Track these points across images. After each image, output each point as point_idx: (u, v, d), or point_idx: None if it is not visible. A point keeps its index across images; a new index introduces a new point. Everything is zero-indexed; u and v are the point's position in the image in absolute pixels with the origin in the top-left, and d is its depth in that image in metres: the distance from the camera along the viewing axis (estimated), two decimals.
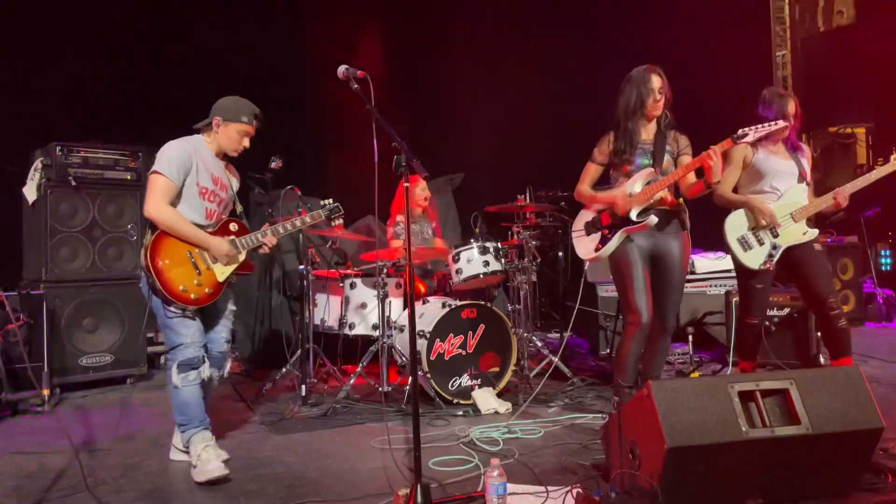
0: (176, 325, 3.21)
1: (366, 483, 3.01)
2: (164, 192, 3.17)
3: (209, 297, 3.25)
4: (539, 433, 3.63)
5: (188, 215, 3.25)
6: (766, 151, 3.91)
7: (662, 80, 3.59)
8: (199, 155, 3.31)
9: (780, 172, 3.89)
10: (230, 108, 3.37)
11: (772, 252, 3.82)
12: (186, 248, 3.22)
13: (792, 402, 2.49)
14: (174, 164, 3.19)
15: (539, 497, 2.69)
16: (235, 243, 3.33)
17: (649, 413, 2.44)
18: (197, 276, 3.21)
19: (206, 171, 3.32)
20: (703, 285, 6.00)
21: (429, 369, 4.23)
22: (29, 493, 2.98)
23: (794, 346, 4.85)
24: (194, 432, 3.21)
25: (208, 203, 3.33)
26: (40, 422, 4.27)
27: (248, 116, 3.37)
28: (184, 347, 3.21)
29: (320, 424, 3.99)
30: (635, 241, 3.59)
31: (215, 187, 3.36)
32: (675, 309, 3.67)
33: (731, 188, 3.99)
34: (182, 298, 3.16)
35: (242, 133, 3.37)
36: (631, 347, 3.57)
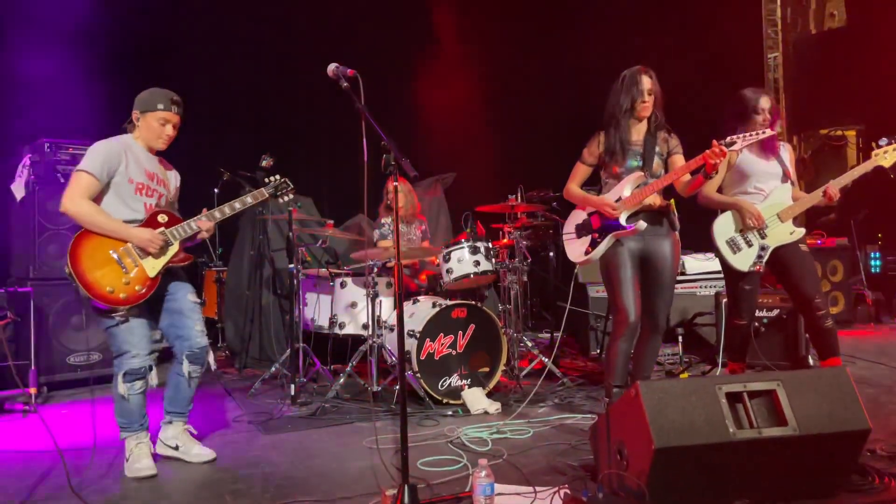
0: (119, 332, 3.12)
1: (354, 483, 2.99)
2: (85, 187, 3.08)
3: (141, 295, 3.12)
4: (528, 433, 3.62)
5: (124, 213, 3.17)
6: (750, 152, 3.93)
7: (653, 81, 3.59)
8: (131, 151, 3.23)
9: (763, 173, 3.91)
10: (145, 98, 3.27)
11: (760, 253, 3.83)
12: (109, 246, 3.09)
13: (779, 403, 2.49)
14: (98, 160, 3.11)
15: (527, 497, 2.68)
16: (165, 234, 3.22)
17: (637, 413, 2.44)
18: (125, 274, 3.09)
19: (138, 166, 3.24)
20: (693, 286, 6.01)
21: (418, 369, 4.23)
22: (14, 493, 2.96)
23: (783, 347, 4.86)
24: (131, 434, 3.21)
25: (146, 198, 3.25)
26: (26, 421, 4.24)
27: (163, 103, 3.25)
28: (129, 357, 3.14)
29: (309, 424, 3.98)
30: (625, 242, 3.59)
31: (150, 182, 3.28)
32: (665, 309, 3.67)
33: (715, 189, 4.00)
34: (110, 300, 3.04)
35: (161, 120, 3.25)
36: (620, 347, 3.57)
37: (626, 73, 3.63)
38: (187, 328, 3.32)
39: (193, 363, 3.32)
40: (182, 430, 3.40)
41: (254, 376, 5.17)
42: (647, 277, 3.63)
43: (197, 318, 3.37)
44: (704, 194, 3.98)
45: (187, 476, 3.15)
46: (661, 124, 3.64)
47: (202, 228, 3.31)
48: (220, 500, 2.84)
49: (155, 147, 3.33)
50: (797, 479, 2.55)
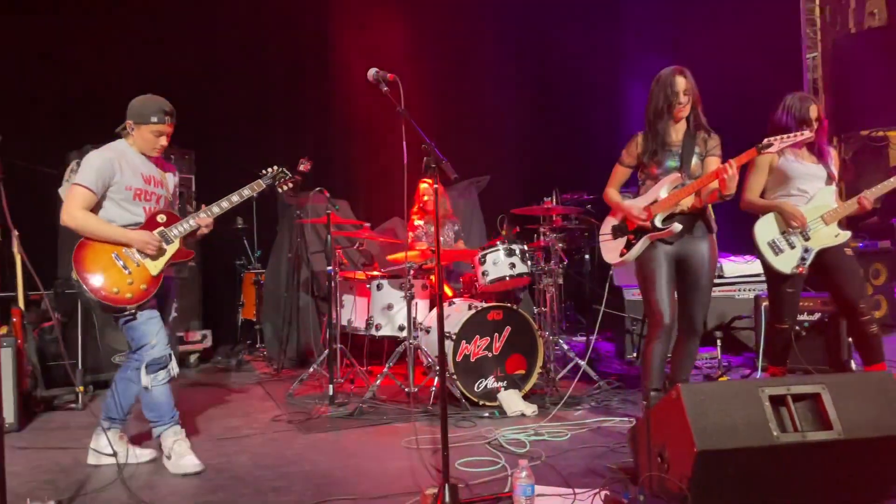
0: (138, 325, 3.21)
1: (393, 482, 3.03)
2: (81, 200, 3.15)
3: (146, 292, 3.20)
4: (566, 436, 3.63)
5: (125, 217, 3.25)
6: (792, 155, 3.88)
7: (688, 81, 3.56)
8: (125, 158, 3.28)
9: (807, 175, 3.85)
10: (138, 110, 3.30)
11: (804, 255, 3.77)
12: (110, 250, 3.18)
13: (824, 406, 2.46)
14: (92, 173, 3.17)
15: (566, 499, 2.69)
16: (165, 233, 3.29)
17: (678, 416, 2.43)
18: (127, 275, 3.17)
19: (133, 172, 3.28)
20: (731, 289, 5.94)
21: (454, 371, 4.25)
22: (64, 488, 3.05)
23: (824, 351, 4.78)
24: (165, 428, 3.28)
25: (145, 202, 3.31)
26: (74, 418, 4.36)
27: (157, 116, 3.27)
28: (149, 348, 3.21)
29: (347, 424, 4.03)
30: (661, 244, 3.58)
31: (148, 186, 3.33)
32: (703, 312, 3.64)
33: (757, 194, 3.95)
34: (117, 300, 3.13)
35: (155, 133, 3.29)
36: (655, 350, 3.55)
37: (661, 73, 3.61)
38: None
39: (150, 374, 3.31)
40: (118, 438, 3.39)
41: (291, 377, 5.25)
42: (684, 280, 3.61)
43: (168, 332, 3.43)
44: (746, 199, 3.94)
45: (231, 473, 3.21)
46: (701, 124, 3.60)
47: (201, 225, 3.38)
48: (262, 497, 2.89)
49: (148, 155, 3.37)
50: (842, 484, 2.52)
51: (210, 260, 6.73)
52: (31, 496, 2.80)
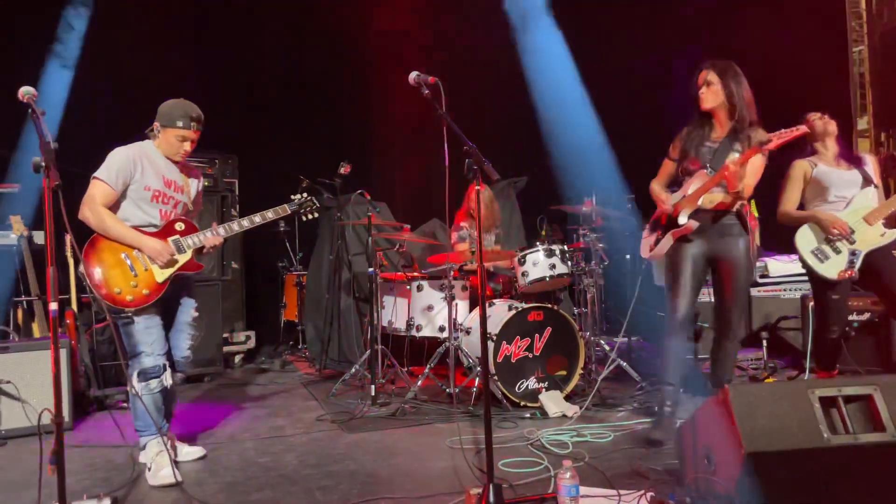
0: (135, 332, 3.20)
1: (436, 482, 3.05)
2: (100, 195, 3.17)
3: (146, 298, 3.18)
4: (609, 437, 3.61)
5: (141, 218, 3.26)
6: (826, 165, 3.92)
7: (711, 72, 3.52)
8: (148, 158, 3.29)
9: (842, 182, 3.87)
10: (166, 113, 3.31)
11: (852, 259, 3.71)
12: (121, 250, 3.18)
13: (876, 408, 2.41)
14: (114, 169, 3.18)
15: (611, 500, 2.68)
16: (179, 243, 3.29)
17: (726, 417, 2.40)
18: (133, 277, 3.16)
19: (155, 174, 3.29)
20: (776, 289, 5.84)
21: (495, 372, 4.26)
22: (118, 484, 3.14)
23: (874, 351, 4.68)
24: (150, 439, 3.25)
25: (161, 205, 3.32)
26: (126, 417, 4.46)
27: (183, 121, 3.28)
28: (144, 356, 3.20)
29: (390, 424, 4.07)
30: (691, 242, 3.54)
31: (167, 189, 3.33)
32: (739, 314, 3.59)
33: (794, 206, 3.98)
34: (118, 301, 3.12)
35: (179, 137, 3.30)
36: (669, 345, 3.56)
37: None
38: (180, 340, 3.45)
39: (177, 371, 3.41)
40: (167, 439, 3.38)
41: (333, 377, 5.32)
42: (718, 281, 3.57)
43: (190, 333, 3.49)
44: (782, 212, 4.00)
45: (278, 472, 3.27)
46: (745, 120, 3.50)
47: (207, 244, 3.36)
48: (310, 496, 2.94)
49: (173, 159, 3.39)
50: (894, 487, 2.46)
51: (253, 262, 6.86)
52: (87, 493, 2.89)
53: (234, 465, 3.41)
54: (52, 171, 2.32)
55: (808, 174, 3.93)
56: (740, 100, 3.51)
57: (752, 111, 3.51)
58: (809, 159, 3.97)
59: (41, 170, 2.33)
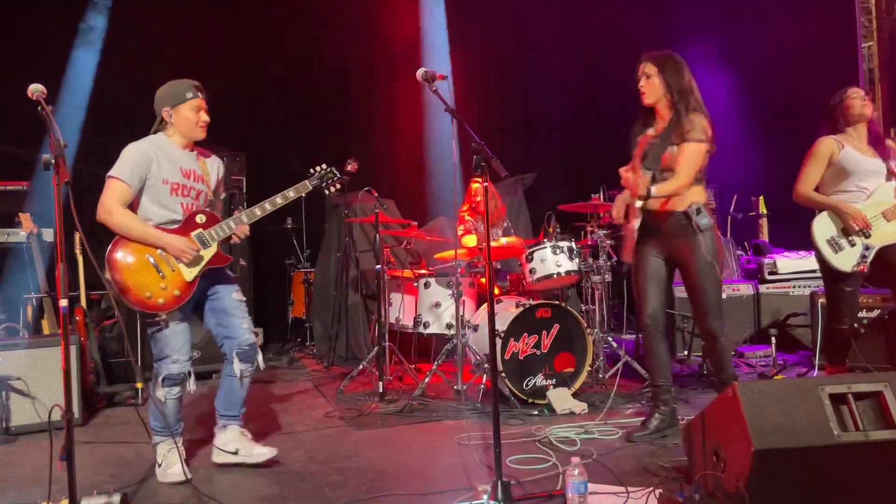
0: (162, 337, 3.09)
1: (445, 478, 3.06)
2: (118, 194, 3.03)
3: (178, 299, 3.07)
4: (617, 434, 3.60)
5: (162, 214, 3.13)
6: (854, 148, 3.76)
7: (647, 65, 3.51)
8: (163, 151, 3.15)
9: (868, 171, 3.74)
10: (170, 93, 3.18)
11: (864, 253, 3.67)
12: (146, 251, 3.04)
13: (887, 405, 2.39)
14: (128, 166, 3.05)
15: (620, 497, 2.68)
16: (203, 236, 3.15)
17: (735, 414, 2.39)
18: (161, 279, 3.04)
19: (172, 165, 3.16)
20: (785, 286, 5.82)
21: (503, 368, 4.26)
22: (127, 480, 3.16)
23: (884, 348, 4.64)
24: (163, 439, 3.18)
25: (182, 198, 3.18)
26: (134, 413, 4.49)
27: (191, 91, 3.18)
28: (170, 362, 3.11)
29: (398, 421, 4.08)
30: (649, 244, 3.54)
31: (187, 180, 3.19)
32: (704, 311, 3.46)
33: (813, 186, 3.83)
34: (149, 306, 3.01)
35: (195, 108, 3.18)
36: (645, 346, 3.60)
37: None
38: (234, 327, 3.26)
39: (244, 361, 3.25)
40: (239, 434, 3.31)
41: (341, 374, 5.33)
42: (684, 281, 3.55)
43: (243, 316, 3.30)
44: (801, 192, 3.84)
45: (287, 468, 3.28)
46: (680, 112, 3.39)
47: (237, 233, 3.25)
48: (319, 492, 2.95)
49: (195, 137, 3.25)
50: None
51: (260, 259, 6.88)
52: (98, 489, 2.90)
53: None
54: (62, 168, 2.32)
55: (834, 155, 3.76)
56: (678, 90, 3.42)
57: (690, 99, 3.41)
58: (836, 138, 3.78)
59: (51, 166, 2.34)
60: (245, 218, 3.25)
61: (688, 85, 3.43)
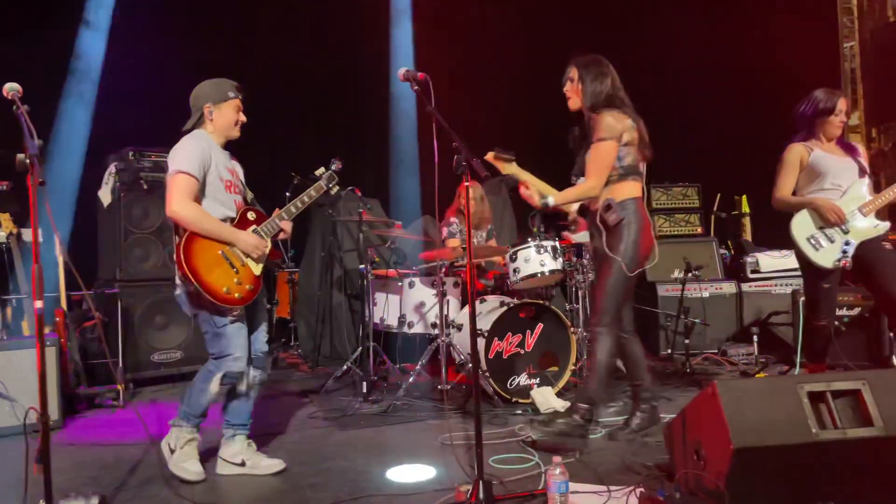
0: (227, 333, 3.07)
1: (427, 479, 3.04)
2: (187, 189, 2.99)
3: (251, 293, 3.10)
4: (599, 433, 3.61)
5: (220, 211, 3.11)
6: (822, 150, 3.84)
7: (571, 69, 3.54)
8: (212, 148, 3.16)
9: (840, 168, 3.81)
10: (214, 91, 3.20)
11: (845, 248, 3.71)
12: (217, 247, 3.04)
13: (865, 403, 2.42)
14: (195, 160, 3.03)
15: (601, 496, 2.68)
16: (259, 232, 3.18)
17: (715, 413, 2.41)
18: (235, 274, 3.05)
19: (222, 163, 3.18)
20: (768, 284, 5.87)
21: (487, 368, 4.26)
22: (107, 483, 3.12)
23: (865, 346, 4.70)
24: (187, 425, 3.14)
25: (235, 195, 3.21)
26: (116, 414, 4.46)
27: (233, 91, 3.22)
28: (232, 359, 3.08)
29: (381, 421, 4.07)
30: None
31: (233, 178, 3.23)
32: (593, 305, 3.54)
33: (788, 192, 3.91)
34: (228, 300, 3.01)
35: (236, 108, 3.22)
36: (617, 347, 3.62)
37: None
38: (256, 332, 3.29)
39: (256, 368, 3.24)
40: (246, 444, 3.26)
41: (326, 374, 5.31)
42: None
43: (265, 324, 3.34)
44: (777, 197, 3.93)
45: None
46: (593, 116, 3.41)
47: (284, 228, 3.28)
48: (300, 493, 2.94)
49: (232, 136, 3.26)
50: (883, 481, 2.47)
51: None
52: (76, 491, 2.87)
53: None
54: (36, 168, 2.29)
55: (804, 159, 3.84)
56: (593, 94, 3.45)
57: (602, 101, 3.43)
58: (805, 144, 3.87)
59: (26, 167, 2.31)
60: (285, 215, 3.30)
61: (608, 89, 3.45)
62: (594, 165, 3.39)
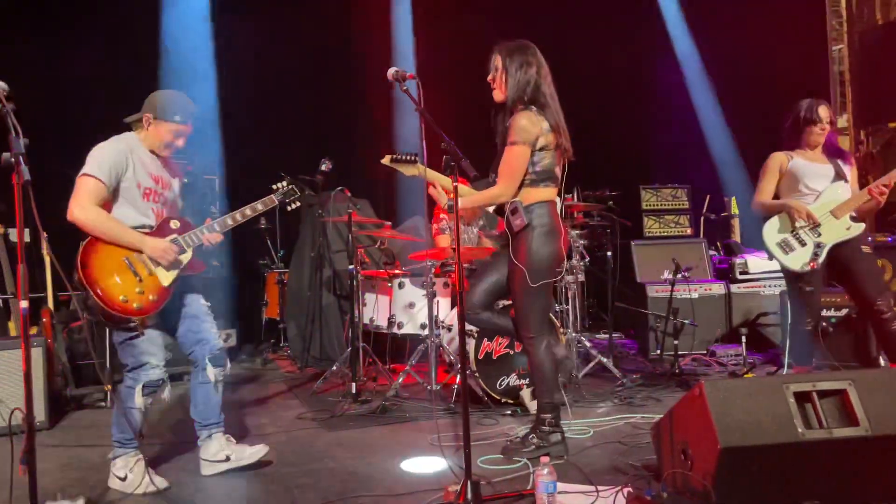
0: (140, 343, 2.98)
1: (416, 479, 3.05)
2: (92, 193, 2.91)
3: (154, 304, 2.96)
4: (589, 433, 3.62)
5: (134, 218, 3.03)
6: (803, 158, 3.93)
7: (495, 57, 3.30)
8: (136, 154, 3.06)
9: (815, 174, 3.89)
10: (162, 104, 3.09)
11: (816, 251, 3.76)
12: (122, 253, 2.94)
13: (850, 402, 2.43)
14: (105, 165, 2.94)
15: (589, 496, 2.69)
16: (179, 241, 3.08)
17: (702, 413, 2.41)
18: (138, 283, 2.93)
19: (144, 170, 3.08)
20: (756, 285, 5.89)
21: (476, 368, 4.26)
22: (93, 485, 3.10)
23: (853, 347, 4.72)
24: (126, 451, 3.05)
25: (153, 204, 3.11)
26: (103, 416, 4.42)
27: (181, 115, 3.09)
28: (150, 368, 3.00)
29: (370, 421, 4.06)
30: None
31: (156, 186, 3.12)
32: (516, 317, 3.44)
33: (768, 197, 3.99)
34: (124, 310, 2.88)
35: (174, 133, 3.11)
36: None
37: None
38: (205, 331, 3.20)
39: (217, 365, 3.18)
40: (225, 441, 3.23)
41: (315, 375, 5.30)
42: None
43: (212, 321, 3.26)
44: (757, 202, 4.01)
45: (257, 470, 3.23)
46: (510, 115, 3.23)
47: (206, 241, 3.18)
48: (288, 494, 2.93)
49: (160, 153, 3.18)
50: (869, 481, 2.48)
51: (234, 260, 6.80)
52: (62, 493, 2.85)
53: None
54: (21, 167, 2.28)
55: (783, 166, 3.94)
56: (512, 86, 3.24)
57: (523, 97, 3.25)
58: (787, 152, 3.97)
59: (11, 166, 2.29)
60: (217, 226, 3.22)
61: (531, 80, 3.23)
62: (505, 169, 3.22)
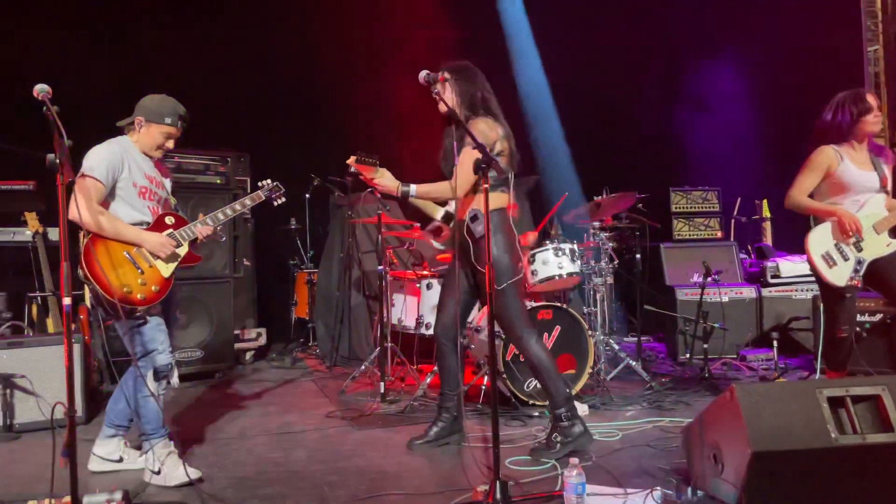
0: (147, 330, 3.12)
1: (444, 478, 3.07)
2: (91, 193, 3.05)
3: (157, 294, 3.13)
4: (617, 436, 3.61)
5: (131, 216, 3.17)
6: (853, 162, 3.72)
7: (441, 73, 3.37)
8: (129, 155, 3.21)
9: (864, 187, 3.71)
10: (153, 108, 3.23)
11: (857, 267, 3.66)
12: (122, 248, 3.09)
13: (885, 408, 2.40)
14: (103, 165, 3.09)
15: (618, 498, 2.69)
16: (174, 236, 3.23)
17: (733, 416, 2.40)
18: (140, 275, 3.09)
19: (139, 170, 3.23)
20: (788, 289, 5.82)
21: (504, 370, 4.27)
22: (129, 478, 3.18)
23: (886, 353, 4.64)
24: (159, 441, 3.16)
25: (149, 202, 3.26)
26: None
27: (171, 118, 3.23)
28: (157, 354, 3.13)
29: (399, 421, 4.09)
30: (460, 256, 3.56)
31: (151, 185, 3.28)
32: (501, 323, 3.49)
33: (806, 194, 3.79)
34: (128, 300, 3.02)
35: (165, 135, 3.25)
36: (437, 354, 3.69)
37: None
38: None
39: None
40: (123, 445, 3.38)
41: (343, 374, 5.35)
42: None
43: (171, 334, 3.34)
44: (794, 198, 3.80)
45: (288, 467, 3.30)
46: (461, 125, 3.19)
47: (200, 235, 3.30)
48: (318, 490, 2.97)
49: (152, 155, 3.31)
50: None
51: (264, 260, 6.91)
52: (99, 486, 2.92)
53: (244, 460, 3.45)
54: (67, 168, 2.35)
55: (832, 166, 3.72)
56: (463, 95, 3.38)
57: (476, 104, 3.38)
58: (836, 148, 3.73)
59: (56, 167, 2.36)
60: (210, 221, 3.35)
61: (478, 95, 3.40)
62: (462, 168, 3.27)
